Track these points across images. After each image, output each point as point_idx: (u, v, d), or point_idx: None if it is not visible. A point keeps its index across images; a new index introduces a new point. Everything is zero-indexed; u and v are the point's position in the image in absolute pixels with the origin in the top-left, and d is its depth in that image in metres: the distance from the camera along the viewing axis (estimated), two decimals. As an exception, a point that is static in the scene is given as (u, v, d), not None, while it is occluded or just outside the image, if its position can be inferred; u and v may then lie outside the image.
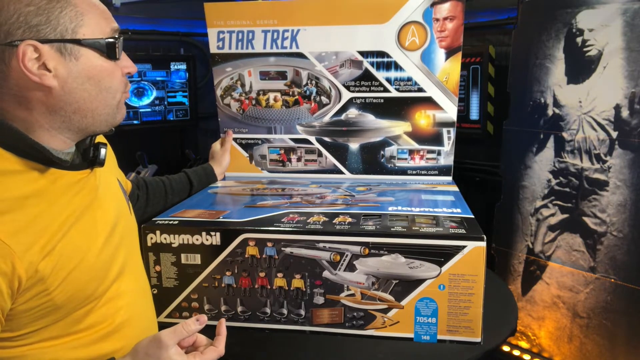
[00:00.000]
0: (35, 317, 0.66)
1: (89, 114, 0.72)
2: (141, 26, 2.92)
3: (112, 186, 0.85)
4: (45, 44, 0.65)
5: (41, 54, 0.65)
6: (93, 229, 0.74)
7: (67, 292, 0.68)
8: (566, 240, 1.83)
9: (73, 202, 0.72)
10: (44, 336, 0.68)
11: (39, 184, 0.68)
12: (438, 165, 1.46)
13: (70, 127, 0.72)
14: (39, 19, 0.64)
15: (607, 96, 1.65)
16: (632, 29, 1.58)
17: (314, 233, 0.98)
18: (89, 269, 0.71)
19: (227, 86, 1.49)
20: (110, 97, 0.74)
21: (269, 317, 1.03)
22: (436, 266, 0.94)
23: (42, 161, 0.69)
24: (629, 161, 1.62)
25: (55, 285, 0.66)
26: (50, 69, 0.66)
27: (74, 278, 0.68)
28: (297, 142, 1.51)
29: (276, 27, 1.42)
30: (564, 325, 1.86)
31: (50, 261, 0.65)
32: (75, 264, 0.69)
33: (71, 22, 0.67)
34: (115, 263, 0.77)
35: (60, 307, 0.68)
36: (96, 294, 0.73)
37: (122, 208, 0.85)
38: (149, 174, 2.87)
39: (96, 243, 0.73)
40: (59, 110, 0.69)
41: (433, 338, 0.98)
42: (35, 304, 0.65)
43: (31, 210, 0.65)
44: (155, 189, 1.21)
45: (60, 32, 0.66)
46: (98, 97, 0.72)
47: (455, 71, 1.38)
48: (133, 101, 2.90)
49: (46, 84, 0.66)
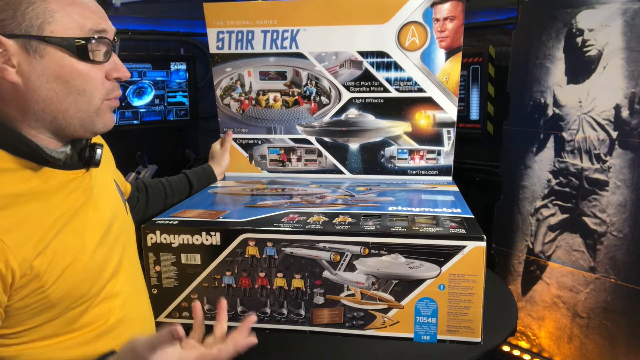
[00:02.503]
0: (31, 314, 0.66)
1: (60, 115, 0.70)
2: (141, 26, 2.91)
3: (108, 186, 0.85)
4: (10, 39, 0.64)
5: (6, 49, 0.65)
6: (86, 228, 0.74)
7: (62, 289, 0.68)
8: (566, 240, 1.83)
9: (66, 201, 0.72)
10: (40, 335, 0.68)
11: (32, 183, 0.68)
12: (438, 165, 1.46)
13: (47, 127, 0.71)
14: (5, 14, 0.64)
15: (607, 96, 1.65)
16: (632, 29, 1.58)
17: (314, 233, 0.98)
18: (82, 268, 0.71)
19: (226, 86, 1.49)
20: (85, 100, 0.71)
21: (269, 317, 1.03)
22: (436, 266, 0.94)
23: (35, 160, 0.68)
24: (629, 161, 1.62)
25: (50, 282, 0.66)
26: (14, 64, 0.66)
27: (68, 276, 0.68)
28: (297, 142, 1.51)
29: (276, 27, 1.42)
30: (564, 325, 1.86)
31: (45, 258, 0.65)
32: (68, 262, 0.69)
33: (37, 19, 0.65)
34: (110, 263, 0.77)
35: (56, 305, 0.68)
36: (90, 294, 0.73)
37: (118, 208, 0.85)
38: (149, 174, 2.87)
39: (90, 243, 0.73)
40: (28, 107, 0.68)
41: (433, 338, 0.98)
42: (31, 301, 0.65)
43: (24, 208, 0.65)
44: (155, 190, 1.21)
45: (25, 28, 0.65)
46: (68, 98, 0.69)
47: (456, 71, 1.38)
48: (133, 101, 2.90)
49: (8, 79, 0.66)
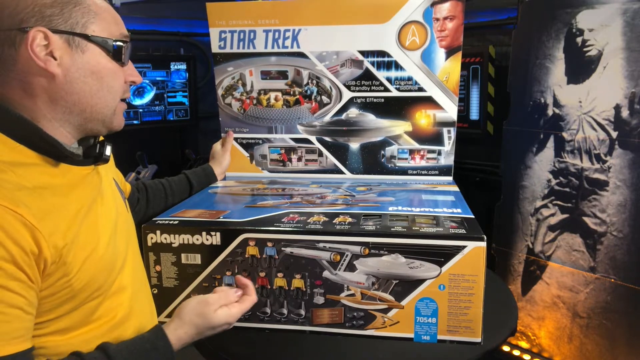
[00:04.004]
0: (55, 304, 0.68)
1: (88, 109, 0.74)
2: (141, 26, 2.92)
3: (111, 184, 0.88)
4: (55, 34, 0.68)
5: (50, 42, 0.68)
6: (99, 222, 0.76)
7: (83, 280, 0.70)
8: (566, 240, 1.83)
9: (82, 197, 0.74)
10: (61, 326, 0.70)
11: (53, 177, 0.71)
12: (438, 165, 1.46)
13: (70, 121, 0.74)
14: (52, 10, 0.68)
15: (607, 96, 1.65)
16: (632, 29, 1.58)
17: (314, 233, 0.98)
18: (99, 260, 0.73)
19: (228, 86, 1.50)
20: (111, 97, 0.76)
21: (269, 317, 1.03)
22: (436, 266, 0.94)
23: (54, 156, 0.71)
24: (629, 161, 1.62)
25: (74, 272, 0.68)
26: (56, 57, 0.69)
27: (88, 267, 0.71)
28: (297, 142, 1.51)
29: (277, 26, 1.42)
30: (564, 325, 1.86)
31: (71, 248, 0.68)
32: (87, 253, 0.71)
33: (82, 18, 0.71)
34: (119, 257, 0.80)
35: (77, 295, 0.70)
36: (105, 286, 0.75)
37: (120, 204, 0.87)
38: (149, 174, 2.87)
39: (103, 236, 0.76)
40: (60, 99, 0.71)
41: (433, 338, 0.98)
42: (57, 289, 0.67)
43: (50, 200, 0.68)
44: (155, 191, 1.21)
45: (70, 25, 0.70)
46: (98, 93, 0.74)
47: (456, 71, 1.39)
48: (133, 101, 2.90)
49: (50, 70, 0.69)
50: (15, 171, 0.65)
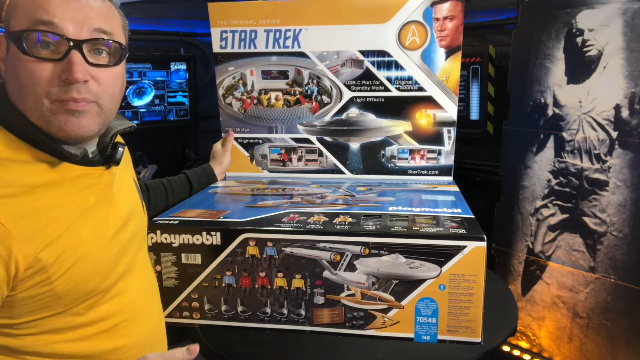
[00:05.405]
0: (35, 306, 0.67)
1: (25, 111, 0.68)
2: (141, 26, 2.91)
3: (127, 185, 0.87)
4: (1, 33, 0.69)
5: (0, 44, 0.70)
6: (100, 223, 0.75)
7: (70, 283, 0.68)
8: (566, 240, 1.83)
9: (81, 196, 0.73)
10: (46, 328, 0.69)
11: (49, 176, 0.69)
12: (438, 165, 1.46)
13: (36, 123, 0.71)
14: None
15: (607, 96, 1.65)
16: (632, 29, 1.58)
17: (314, 233, 0.98)
18: (92, 262, 0.72)
19: (229, 85, 1.50)
20: (31, 99, 0.67)
21: (269, 317, 1.03)
22: (436, 266, 0.94)
23: (53, 154, 0.70)
24: (629, 161, 1.62)
25: (57, 275, 0.67)
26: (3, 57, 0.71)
27: (77, 270, 0.69)
28: (298, 142, 1.51)
29: (278, 26, 1.42)
30: (564, 325, 1.86)
31: (55, 251, 0.66)
32: (79, 256, 0.70)
33: (7, 13, 0.69)
34: (123, 260, 0.78)
35: (61, 298, 0.68)
36: (99, 289, 0.73)
37: (135, 207, 0.86)
38: (149, 174, 2.87)
39: (103, 238, 0.74)
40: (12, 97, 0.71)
41: (433, 338, 0.98)
42: (35, 292, 0.66)
43: (39, 199, 0.66)
44: (155, 191, 1.21)
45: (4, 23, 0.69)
46: (20, 93, 0.68)
47: (456, 70, 1.39)
48: (133, 101, 2.90)
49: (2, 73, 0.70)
50: (8, 167, 0.65)
